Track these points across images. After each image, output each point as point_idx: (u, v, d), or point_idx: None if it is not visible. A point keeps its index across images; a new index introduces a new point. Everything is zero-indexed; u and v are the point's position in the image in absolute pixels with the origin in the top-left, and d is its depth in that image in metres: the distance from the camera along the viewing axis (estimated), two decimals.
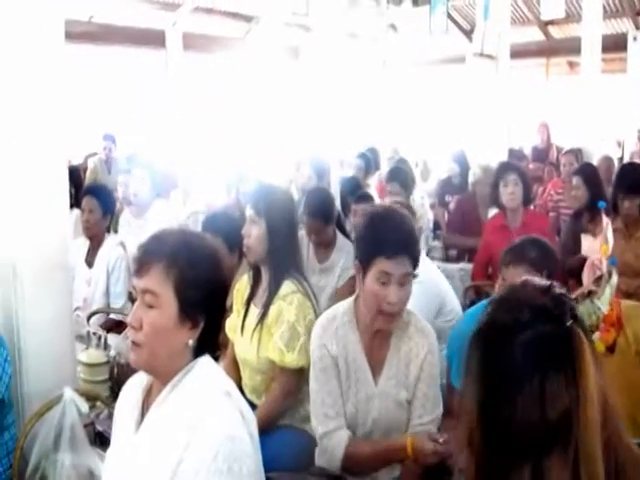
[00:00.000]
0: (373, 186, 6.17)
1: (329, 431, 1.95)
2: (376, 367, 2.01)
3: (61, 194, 2.36)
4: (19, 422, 2.18)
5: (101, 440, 2.29)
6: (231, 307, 2.46)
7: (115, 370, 2.65)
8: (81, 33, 7.73)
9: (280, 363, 2.26)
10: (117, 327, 3.27)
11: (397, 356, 2.00)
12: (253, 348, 2.32)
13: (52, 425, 2.02)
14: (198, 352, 1.43)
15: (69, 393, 2.06)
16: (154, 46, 9.94)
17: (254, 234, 2.37)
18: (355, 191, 4.49)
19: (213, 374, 1.42)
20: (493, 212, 4.06)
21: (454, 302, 2.75)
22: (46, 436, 2.01)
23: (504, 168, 3.84)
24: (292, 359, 2.23)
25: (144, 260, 1.39)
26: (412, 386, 1.99)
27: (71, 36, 2.43)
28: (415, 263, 1.91)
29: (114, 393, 2.62)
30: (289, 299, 2.30)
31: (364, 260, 1.92)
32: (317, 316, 2.33)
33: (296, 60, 11.58)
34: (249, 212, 2.42)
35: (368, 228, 1.95)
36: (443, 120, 10.90)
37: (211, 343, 1.47)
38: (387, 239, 1.87)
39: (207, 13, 10.79)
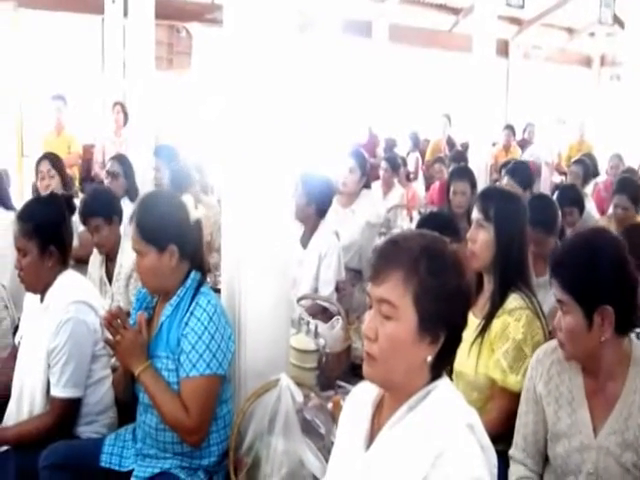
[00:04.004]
0: (589, 195, 5.69)
1: (512, 457, 1.88)
2: (599, 415, 1.71)
3: (284, 199, 2.41)
4: (234, 398, 2.25)
5: (307, 428, 2.30)
6: None
7: (323, 359, 2.66)
8: None
9: (501, 383, 2.10)
10: (322, 313, 3.30)
11: (628, 408, 1.67)
12: (471, 362, 2.18)
13: (268, 408, 2.06)
14: (435, 368, 1.32)
15: (286, 380, 2.08)
16: (360, 36, 10.13)
17: (480, 239, 2.24)
18: (576, 201, 4.10)
19: (455, 401, 1.31)
20: None
21: None
22: (262, 417, 2.05)
23: None
24: (515, 381, 2.06)
25: (381, 267, 1.29)
26: None
27: None
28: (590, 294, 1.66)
29: (320, 382, 2.64)
30: (517, 315, 2.13)
31: None
32: (546, 338, 2.15)
33: (505, 57, 11.11)
34: (476, 215, 2.28)
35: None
36: None
37: (449, 360, 1.36)
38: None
39: (414, 4, 10.76)
